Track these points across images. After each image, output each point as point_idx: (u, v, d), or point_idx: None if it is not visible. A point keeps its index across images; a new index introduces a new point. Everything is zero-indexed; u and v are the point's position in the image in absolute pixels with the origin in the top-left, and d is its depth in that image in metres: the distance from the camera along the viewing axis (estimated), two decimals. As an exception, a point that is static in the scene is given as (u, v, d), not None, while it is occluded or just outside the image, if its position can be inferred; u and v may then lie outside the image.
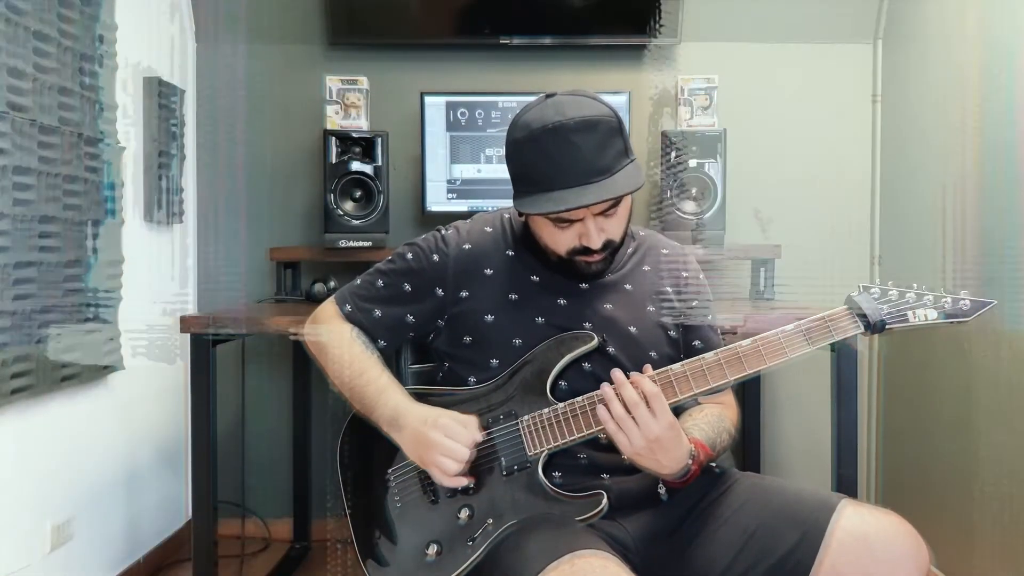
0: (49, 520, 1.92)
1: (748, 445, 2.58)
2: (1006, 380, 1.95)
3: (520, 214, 1.32)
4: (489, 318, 1.31)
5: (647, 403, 1.14)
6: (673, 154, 2.39)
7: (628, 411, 1.14)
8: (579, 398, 1.23)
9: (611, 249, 1.29)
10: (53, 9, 1.87)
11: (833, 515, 1.16)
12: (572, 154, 1.18)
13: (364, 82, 2.40)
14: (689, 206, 2.38)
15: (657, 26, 2.55)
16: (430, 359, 1.45)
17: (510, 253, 1.36)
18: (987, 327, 1.99)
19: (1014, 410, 1.92)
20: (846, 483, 1.83)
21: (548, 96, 1.25)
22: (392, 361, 1.50)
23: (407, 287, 1.36)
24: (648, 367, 1.21)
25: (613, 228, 1.27)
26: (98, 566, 2.15)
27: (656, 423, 1.14)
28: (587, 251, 1.26)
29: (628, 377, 1.17)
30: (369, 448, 1.34)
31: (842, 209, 2.69)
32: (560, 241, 1.27)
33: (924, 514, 2.31)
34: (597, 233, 1.24)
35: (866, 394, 2.68)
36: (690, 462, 1.20)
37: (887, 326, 1.17)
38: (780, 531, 1.18)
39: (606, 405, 1.16)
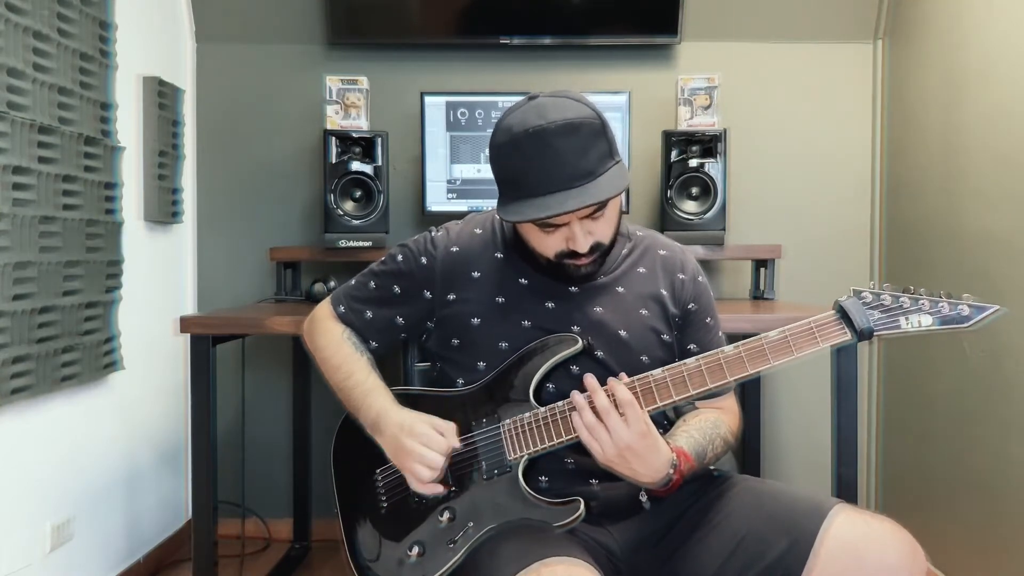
0: (49, 520, 1.92)
1: (748, 446, 2.58)
2: (1005, 380, 1.94)
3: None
4: (475, 321, 1.31)
5: (620, 410, 1.13)
6: (673, 154, 2.39)
7: (600, 418, 1.13)
8: (559, 403, 1.22)
9: (600, 252, 1.27)
10: (52, 9, 1.87)
11: (824, 522, 1.13)
12: (554, 158, 1.16)
13: (364, 82, 2.40)
14: (690, 206, 2.38)
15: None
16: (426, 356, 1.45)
17: (499, 255, 1.35)
18: (987, 326, 1.98)
19: (1013, 410, 1.91)
20: (846, 482, 1.84)
21: (531, 98, 1.22)
22: (398, 359, 1.51)
23: (397, 289, 1.37)
24: (623, 374, 1.19)
25: (601, 231, 1.25)
26: (98, 566, 2.15)
27: (627, 431, 1.12)
28: (575, 254, 1.24)
29: (606, 383, 1.16)
30: (359, 449, 1.34)
31: (843, 209, 2.69)
32: (547, 245, 1.25)
33: (923, 514, 2.31)
34: (584, 236, 1.22)
35: (866, 394, 2.68)
36: (671, 471, 1.17)
37: (875, 334, 1.12)
38: (770, 538, 1.16)
39: (578, 413, 1.15)
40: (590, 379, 1.17)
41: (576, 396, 1.17)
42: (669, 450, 1.18)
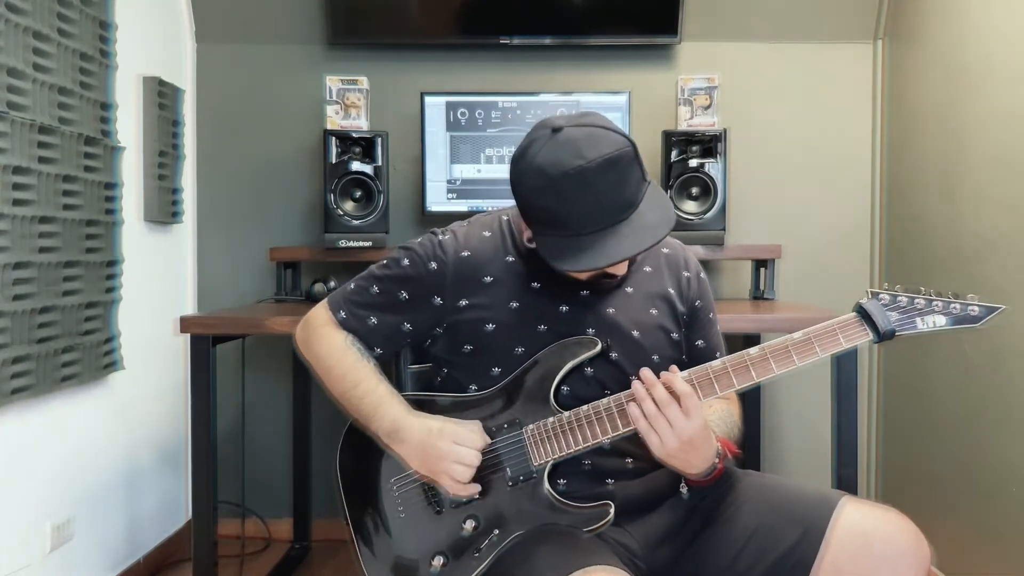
0: (49, 520, 1.92)
1: (748, 445, 2.58)
2: (1006, 380, 1.94)
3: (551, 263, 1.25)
4: (490, 327, 1.28)
5: (679, 402, 1.13)
6: (673, 154, 2.39)
7: (659, 410, 1.13)
8: (584, 407, 1.21)
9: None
10: (52, 9, 1.87)
11: (834, 512, 1.17)
12: (595, 198, 1.14)
13: (364, 82, 2.40)
14: (690, 206, 2.38)
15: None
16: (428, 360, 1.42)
17: (510, 259, 1.32)
18: (987, 326, 1.98)
19: (1013, 410, 1.91)
20: (846, 482, 1.84)
21: (555, 131, 1.16)
22: (391, 362, 1.49)
23: (403, 295, 1.31)
24: (674, 367, 1.19)
25: None
26: (98, 566, 2.15)
27: (689, 423, 1.13)
28: (607, 274, 1.26)
29: (626, 384, 1.17)
30: (369, 458, 1.31)
31: (843, 209, 2.69)
32: (584, 272, 1.24)
33: (924, 513, 2.31)
34: (623, 261, 1.23)
35: (866, 394, 2.68)
36: (716, 460, 1.20)
37: (897, 334, 1.15)
38: (781, 529, 1.19)
39: (638, 404, 1.15)
40: (647, 372, 1.16)
41: (637, 386, 1.15)
42: (715, 440, 1.21)
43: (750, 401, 2.58)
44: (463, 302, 1.30)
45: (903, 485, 2.51)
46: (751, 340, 2.41)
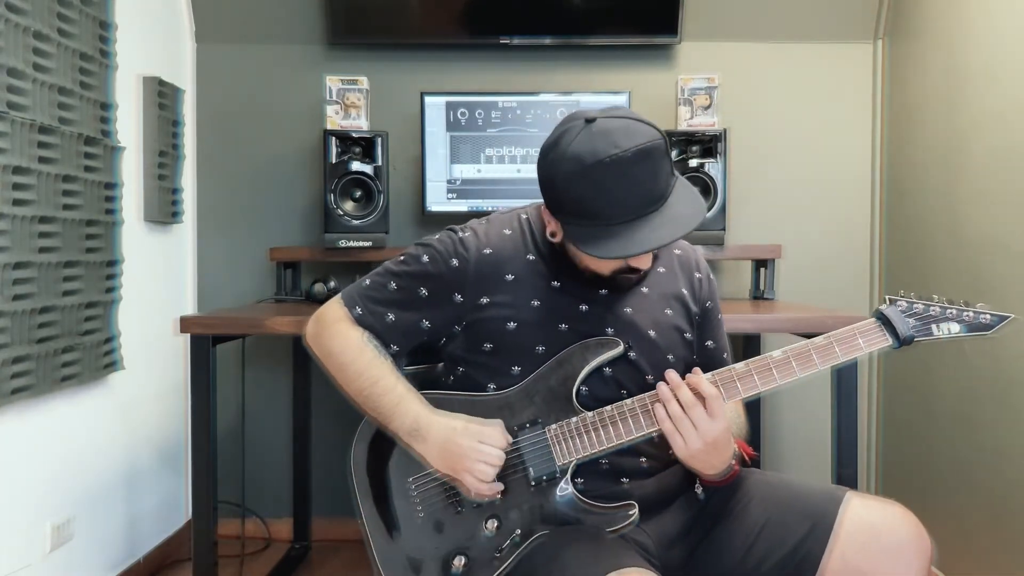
0: (49, 520, 1.92)
1: (749, 444, 2.57)
2: (1006, 378, 1.94)
3: (580, 251, 1.25)
4: (511, 325, 1.27)
5: (704, 404, 1.16)
6: (673, 154, 2.39)
7: (684, 412, 1.16)
8: (608, 407, 1.22)
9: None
10: (52, 9, 1.87)
11: (841, 506, 1.20)
12: (629, 187, 1.14)
13: (364, 82, 2.40)
14: (689, 206, 2.38)
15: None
16: (426, 360, 1.41)
17: (530, 257, 1.31)
18: (998, 334, 1.98)
19: (1014, 411, 1.91)
20: (846, 481, 1.85)
21: (588, 121, 1.17)
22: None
23: (423, 292, 1.30)
24: (697, 369, 1.21)
25: None
26: (98, 566, 2.15)
27: (714, 425, 1.15)
28: (632, 269, 1.26)
29: (664, 379, 1.19)
30: (385, 457, 1.30)
31: (843, 208, 2.69)
32: (606, 265, 1.24)
33: (924, 513, 2.29)
34: (648, 256, 1.24)
35: (866, 394, 2.68)
36: (733, 462, 1.23)
37: (915, 340, 1.19)
38: (790, 524, 1.21)
39: (664, 405, 1.17)
40: (672, 375, 1.19)
41: (662, 387, 1.18)
42: (732, 441, 1.24)
43: (750, 402, 2.58)
44: (484, 300, 1.29)
45: (903, 485, 2.51)
46: (751, 340, 2.45)
